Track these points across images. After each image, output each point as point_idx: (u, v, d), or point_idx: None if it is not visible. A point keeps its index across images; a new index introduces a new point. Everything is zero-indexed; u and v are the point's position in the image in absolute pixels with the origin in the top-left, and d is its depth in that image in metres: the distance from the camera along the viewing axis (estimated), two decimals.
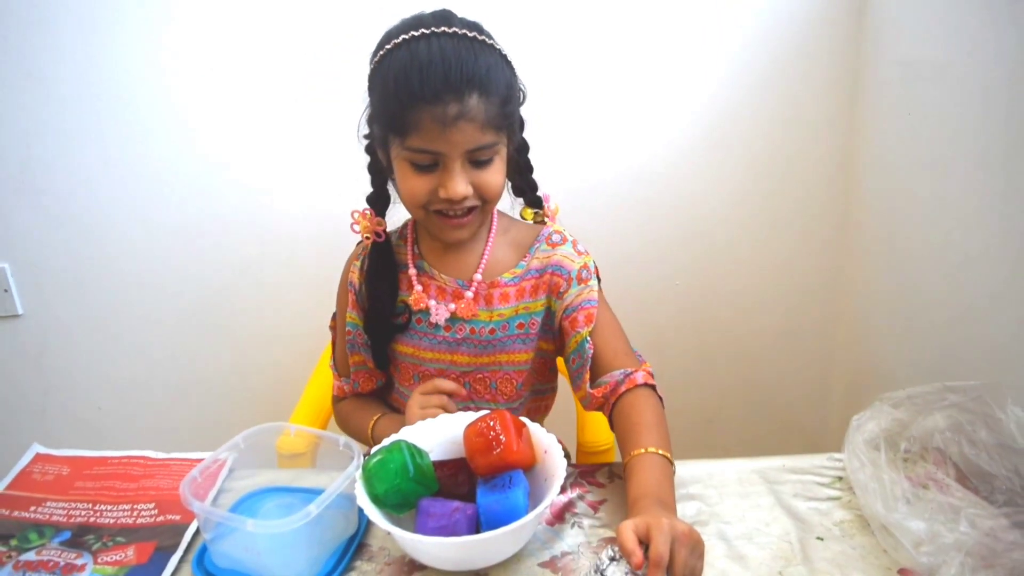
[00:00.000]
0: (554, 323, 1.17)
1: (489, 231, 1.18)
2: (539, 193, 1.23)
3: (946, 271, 1.29)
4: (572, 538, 0.96)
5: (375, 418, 1.19)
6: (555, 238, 1.18)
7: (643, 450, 0.98)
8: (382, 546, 0.97)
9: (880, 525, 0.94)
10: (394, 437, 1.01)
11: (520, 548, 0.93)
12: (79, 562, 0.96)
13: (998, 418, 0.99)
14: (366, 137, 1.15)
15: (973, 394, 1.03)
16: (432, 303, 1.16)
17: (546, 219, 1.22)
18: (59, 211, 1.63)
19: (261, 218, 1.63)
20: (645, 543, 0.81)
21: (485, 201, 1.09)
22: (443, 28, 1.02)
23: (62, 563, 0.95)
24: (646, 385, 1.08)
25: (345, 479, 0.92)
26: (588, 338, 1.12)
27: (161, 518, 1.02)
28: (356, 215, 1.19)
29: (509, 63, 1.07)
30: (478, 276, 1.15)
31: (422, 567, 0.92)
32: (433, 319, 1.16)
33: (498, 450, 0.94)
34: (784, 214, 1.64)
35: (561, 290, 1.14)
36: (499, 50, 1.06)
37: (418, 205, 1.08)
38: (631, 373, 1.08)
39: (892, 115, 1.42)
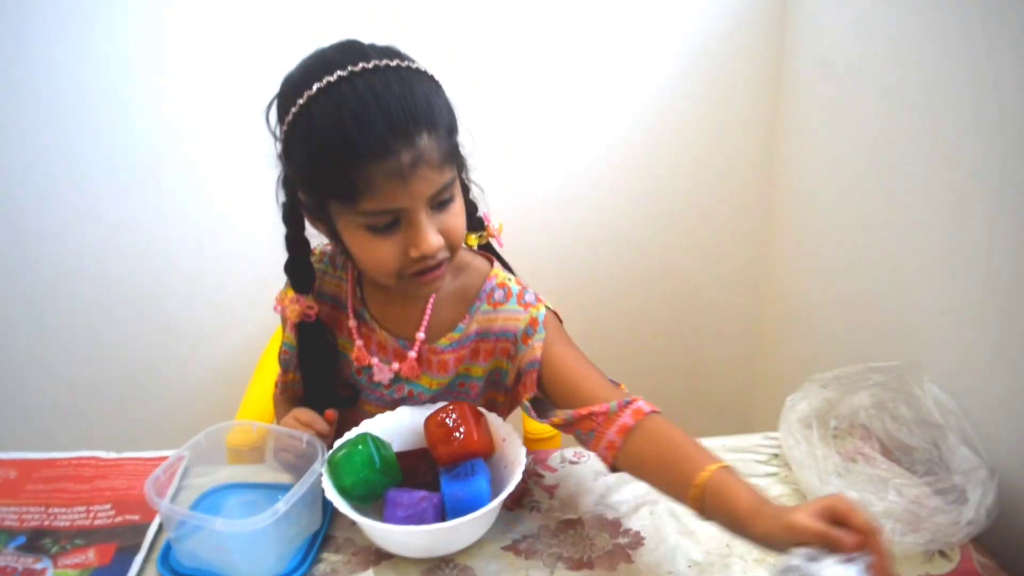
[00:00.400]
0: (507, 380, 1.08)
1: None
2: (479, 214, 1.12)
3: (864, 261, 1.38)
4: (531, 521, 1.01)
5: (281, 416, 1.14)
6: (497, 295, 1.07)
7: (713, 467, 0.83)
8: (347, 537, 0.99)
9: (815, 498, 1.01)
10: (357, 430, 1.03)
11: (483, 533, 0.97)
12: (38, 567, 0.95)
13: (916, 395, 1.08)
14: (286, 206, 1.02)
15: (894, 374, 1.11)
16: (375, 360, 1.09)
17: (491, 239, 1.15)
18: None
19: (200, 213, 1.61)
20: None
21: (453, 248, 0.97)
22: (361, 64, 0.88)
23: (20, 568, 0.94)
24: (652, 412, 0.94)
25: (311, 475, 0.94)
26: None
27: (119, 518, 1.01)
28: (281, 304, 1.09)
29: (438, 83, 0.94)
30: (420, 335, 1.06)
31: (389, 555, 0.95)
32: (376, 378, 1.09)
33: (459, 439, 0.98)
34: (710, 207, 1.71)
35: (510, 354, 1.06)
36: (425, 72, 0.93)
37: (389, 273, 0.95)
38: (629, 403, 0.94)
39: (814, 112, 1.50)
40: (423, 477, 1.00)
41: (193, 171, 1.59)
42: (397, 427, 1.06)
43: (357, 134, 0.85)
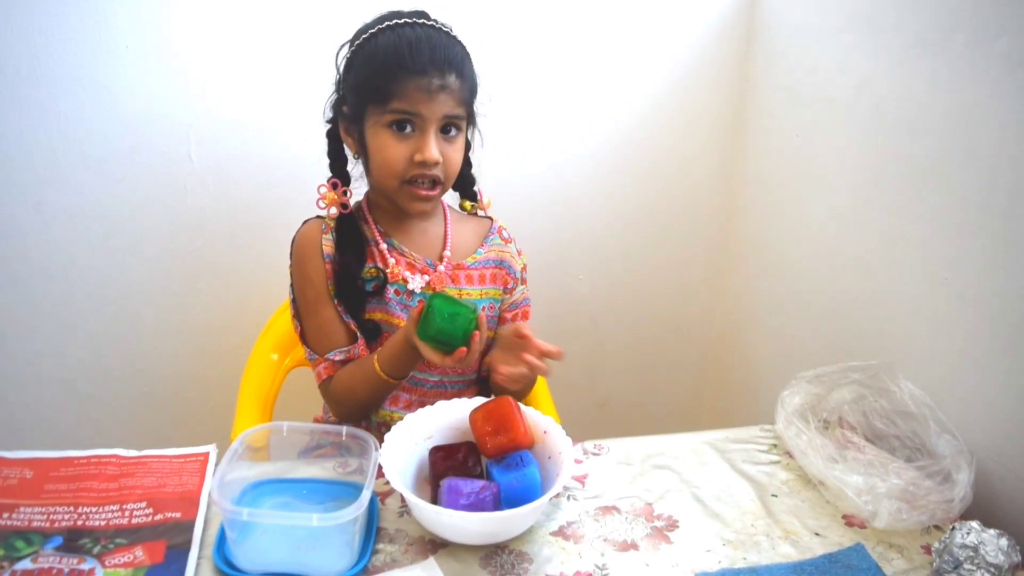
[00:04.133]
0: (499, 309, 1.33)
1: (444, 216, 1.31)
2: (475, 187, 1.35)
3: (817, 274, 1.53)
4: (571, 509, 1.06)
5: (374, 356, 1.19)
6: (504, 234, 1.35)
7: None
8: (398, 528, 1.01)
9: (819, 481, 1.13)
10: (403, 423, 1.07)
11: (535, 520, 1.02)
12: (84, 567, 0.92)
13: (892, 390, 1.21)
14: (330, 122, 1.26)
15: (870, 372, 1.25)
16: (407, 274, 1.24)
17: (479, 212, 1.35)
18: None
19: (175, 205, 1.56)
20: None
21: (447, 177, 1.20)
22: (423, 20, 1.17)
23: (66, 570, 0.91)
24: None
25: (374, 465, 0.96)
26: None
27: (159, 516, 0.99)
28: (322, 189, 1.24)
29: (471, 59, 1.21)
30: (448, 253, 1.27)
31: (444, 544, 0.99)
32: (411, 287, 1.24)
33: (508, 433, 1.03)
34: (673, 219, 1.83)
35: (508, 286, 1.33)
36: (467, 50, 1.20)
37: (394, 174, 1.17)
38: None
39: (774, 135, 1.65)
40: (473, 469, 1.04)
41: (173, 156, 1.55)
42: (437, 421, 1.09)
43: (406, 55, 1.12)
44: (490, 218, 1.35)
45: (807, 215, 1.55)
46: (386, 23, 1.16)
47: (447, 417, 1.10)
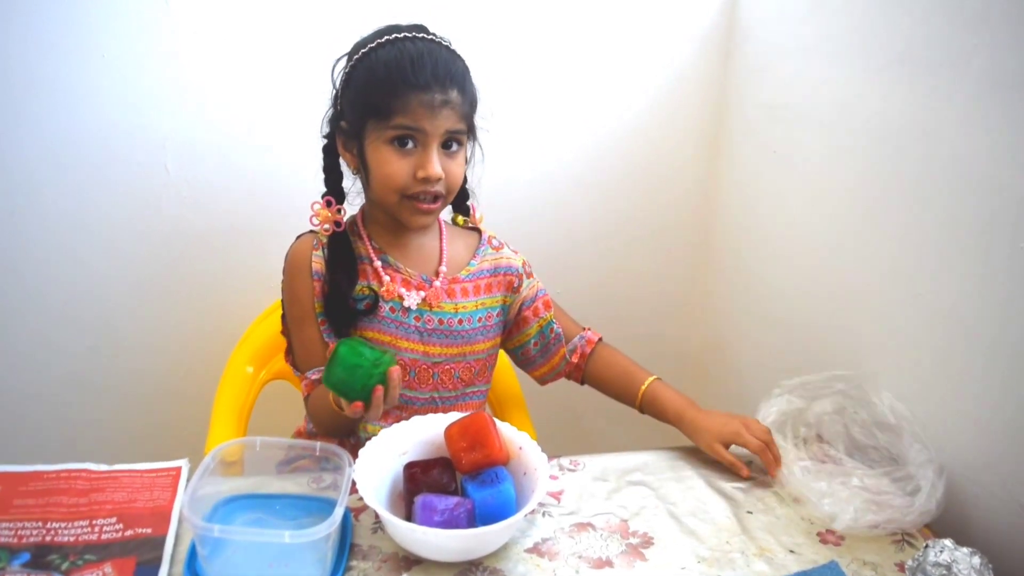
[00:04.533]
0: (507, 317, 1.34)
1: (440, 231, 1.31)
2: (468, 202, 1.36)
3: (796, 287, 1.54)
4: (546, 525, 1.06)
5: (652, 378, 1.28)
6: (495, 242, 1.35)
7: (649, 379, 1.31)
8: (371, 544, 1.00)
9: (793, 497, 1.13)
10: (377, 439, 1.06)
11: (510, 537, 1.02)
12: None
13: (873, 402, 1.22)
14: (327, 137, 1.26)
15: (854, 382, 1.26)
16: (402, 291, 1.24)
17: (471, 225, 1.36)
18: None
19: (151, 217, 1.55)
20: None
21: (448, 192, 1.20)
22: (422, 35, 1.17)
23: None
24: (600, 340, 1.39)
25: (348, 481, 0.96)
26: (553, 321, 1.35)
27: (130, 532, 0.98)
28: (316, 206, 1.24)
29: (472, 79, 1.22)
30: (443, 268, 1.27)
31: (418, 561, 0.98)
32: (407, 304, 1.23)
33: (483, 448, 1.03)
34: (653, 233, 1.83)
35: (515, 286, 1.33)
36: (467, 65, 1.20)
37: (395, 189, 1.17)
38: (585, 334, 1.38)
39: (752, 151, 1.66)
40: (448, 486, 1.03)
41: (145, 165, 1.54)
42: (412, 436, 1.09)
43: (408, 70, 1.12)
44: (479, 230, 1.35)
45: (785, 229, 1.56)
46: (385, 37, 1.15)
47: (422, 432, 1.09)
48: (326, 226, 1.24)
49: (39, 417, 1.63)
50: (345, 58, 1.21)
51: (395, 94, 1.12)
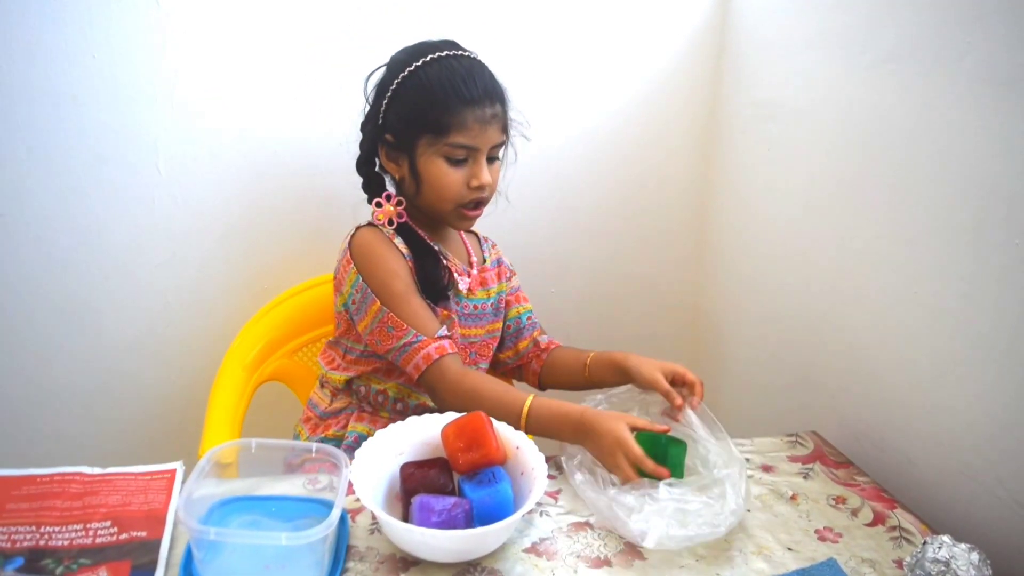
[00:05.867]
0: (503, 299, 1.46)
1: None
2: None
3: (790, 288, 1.54)
4: (544, 525, 1.06)
5: (527, 401, 1.16)
6: (491, 241, 1.51)
7: (594, 352, 1.39)
8: (369, 545, 1.00)
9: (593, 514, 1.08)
10: (374, 440, 1.05)
11: (508, 536, 1.01)
12: None
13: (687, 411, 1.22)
14: (363, 149, 1.33)
15: (654, 394, 1.26)
16: (456, 276, 1.35)
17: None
18: None
19: (142, 217, 1.53)
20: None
21: (490, 196, 1.31)
22: (459, 52, 1.26)
23: None
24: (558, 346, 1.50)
25: (344, 482, 0.95)
26: (531, 310, 1.49)
27: (125, 535, 0.97)
28: (377, 203, 1.30)
29: None
30: (475, 259, 1.41)
31: (416, 562, 0.97)
32: (461, 287, 1.35)
33: (480, 448, 1.02)
34: (645, 233, 1.83)
35: (506, 277, 1.48)
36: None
37: (450, 199, 1.27)
38: (551, 339, 1.50)
39: (745, 149, 1.66)
40: (443, 486, 1.03)
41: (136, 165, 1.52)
42: (409, 437, 1.08)
43: (463, 87, 1.21)
44: (472, 230, 1.47)
45: (780, 227, 1.56)
46: (430, 56, 1.23)
47: (419, 433, 1.08)
48: (390, 220, 1.30)
49: (32, 420, 1.61)
50: (380, 74, 1.29)
51: (451, 111, 1.21)
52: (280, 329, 1.52)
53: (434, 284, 1.29)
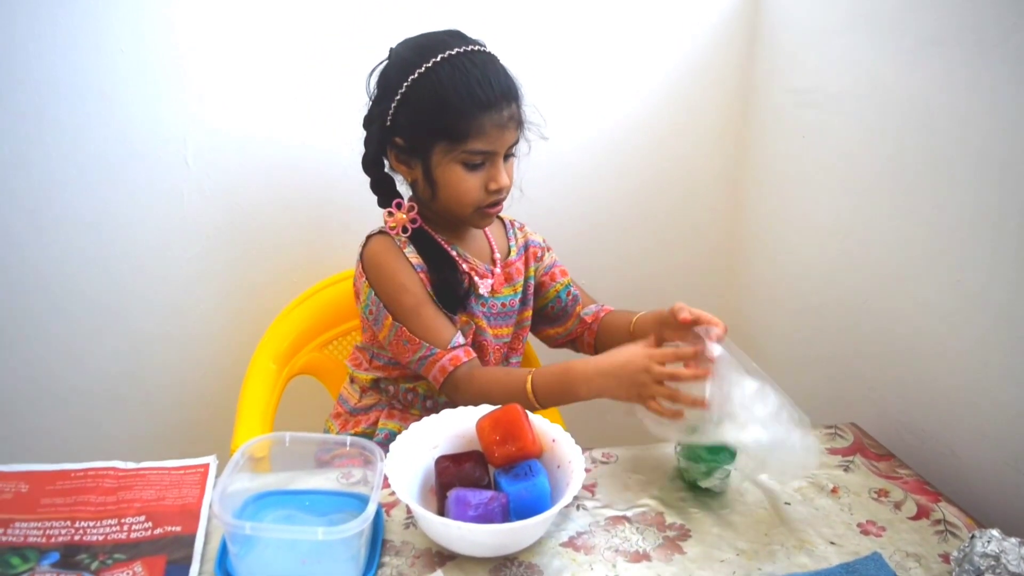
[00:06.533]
0: (532, 284, 1.40)
1: None
2: None
3: (825, 276, 1.51)
4: (581, 519, 1.04)
5: (529, 374, 1.16)
6: (517, 224, 1.44)
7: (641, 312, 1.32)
8: (404, 540, 0.99)
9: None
10: (408, 433, 1.04)
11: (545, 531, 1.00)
12: None
13: None
14: (369, 146, 1.26)
15: None
16: (476, 279, 1.30)
17: None
18: None
19: (171, 212, 1.53)
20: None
21: (507, 193, 1.26)
22: (471, 47, 1.19)
23: None
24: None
25: (379, 476, 0.94)
26: (571, 284, 1.43)
27: (159, 531, 0.97)
28: (389, 212, 1.27)
29: None
30: (497, 256, 1.35)
31: (452, 556, 0.96)
32: (482, 291, 1.30)
33: (516, 442, 1.01)
34: (677, 222, 1.80)
35: (538, 257, 1.41)
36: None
37: (470, 203, 1.22)
38: (603, 305, 1.44)
39: (779, 136, 1.62)
40: (479, 480, 1.01)
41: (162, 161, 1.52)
42: (443, 430, 1.07)
43: (479, 91, 1.15)
44: (500, 216, 1.39)
45: (814, 217, 1.53)
46: (440, 56, 1.16)
47: (454, 426, 1.07)
48: (403, 227, 1.26)
49: (64, 416, 1.62)
50: (383, 69, 1.23)
51: (468, 118, 1.16)
52: (310, 322, 1.52)
53: (451, 294, 1.25)
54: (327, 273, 1.56)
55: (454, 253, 1.29)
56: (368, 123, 1.26)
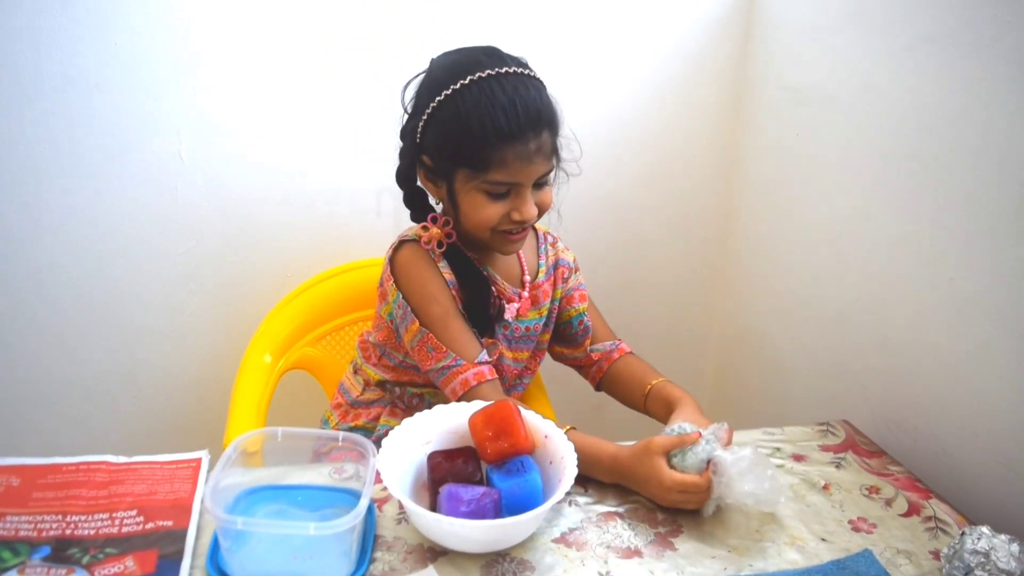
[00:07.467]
0: (556, 305, 1.37)
1: None
2: None
3: (820, 276, 1.51)
4: (573, 515, 1.04)
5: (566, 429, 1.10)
6: (550, 238, 1.39)
7: (658, 379, 1.29)
8: (397, 536, 0.99)
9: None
10: (400, 428, 1.04)
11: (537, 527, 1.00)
12: None
13: None
14: (403, 158, 1.23)
15: None
16: (503, 303, 1.26)
17: None
18: None
19: (165, 206, 1.53)
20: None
21: (539, 218, 1.22)
22: (505, 69, 1.13)
23: None
24: (631, 353, 1.38)
25: (372, 472, 0.94)
26: (583, 314, 1.36)
27: (151, 525, 0.97)
28: (424, 226, 1.22)
29: (550, 93, 1.18)
30: (527, 278, 1.30)
31: (444, 552, 0.96)
32: (507, 316, 1.26)
33: (509, 438, 1.01)
34: (670, 221, 1.81)
35: (565, 277, 1.36)
36: (543, 83, 1.18)
37: (488, 229, 1.18)
38: (617, 343, 1.38)
39: (773, 134, 1.63)
40: (471, 475, 1.02)
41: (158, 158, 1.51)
42: (436, 426, 1.07)
43: (503, 121, 1.10)
44: (533, 227, 1.33)
45: (808, 216, 1.53)
46: (469, 78, 1.11)
47: (446, 422, 1.07)
48: (439, 242, 1.22)
49: (56, 409, 1.62)
50: (421, 81, 1.19)
51: (490, 148, 1.10)
52: (304, 317, 1.51)
53: (482, 314, 1.23)
54: (320, 268, 1.56)
55: (484, 273, 1.26)
56: (403, 136, 1.23)
